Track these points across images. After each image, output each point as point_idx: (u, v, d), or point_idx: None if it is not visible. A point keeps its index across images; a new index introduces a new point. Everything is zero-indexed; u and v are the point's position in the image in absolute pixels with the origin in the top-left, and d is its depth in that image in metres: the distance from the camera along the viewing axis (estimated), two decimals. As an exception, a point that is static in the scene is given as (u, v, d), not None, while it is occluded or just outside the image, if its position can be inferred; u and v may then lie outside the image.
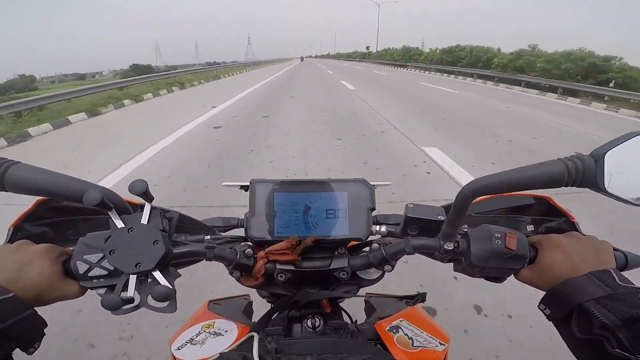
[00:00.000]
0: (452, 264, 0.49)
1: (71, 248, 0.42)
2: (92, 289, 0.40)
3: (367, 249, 0.52)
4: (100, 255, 0.39)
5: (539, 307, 0.42)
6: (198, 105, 7.91)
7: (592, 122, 6.96)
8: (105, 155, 4.15)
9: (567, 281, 0.38)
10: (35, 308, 0.36)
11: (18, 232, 0.48)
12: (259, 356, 0.37)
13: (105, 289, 0.39)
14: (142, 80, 12.19)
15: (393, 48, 40.37)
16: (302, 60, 54.83)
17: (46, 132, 5.75)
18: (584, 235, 0.45)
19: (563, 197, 0.40)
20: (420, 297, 0.59)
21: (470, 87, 13.83)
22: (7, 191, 0.36)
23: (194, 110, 7.15)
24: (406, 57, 33.09)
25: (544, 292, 0.42)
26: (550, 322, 0.42)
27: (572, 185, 0.37)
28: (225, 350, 0.45)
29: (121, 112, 7.86)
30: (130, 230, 0.37)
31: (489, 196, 0.55)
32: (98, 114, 7.34)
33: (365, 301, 0.71)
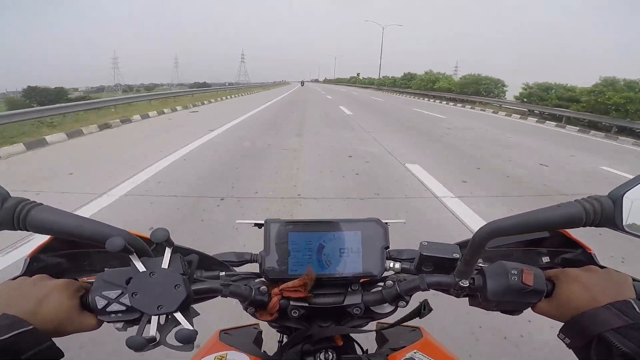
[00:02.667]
0: (467, 298, 0.49)
1: (86, 279, 0.43)
2: (109, 322, 0.41)
3: (381, 284, 0.52)
4: (119, 291, 0.40)
5: (558, 337, 0.41)
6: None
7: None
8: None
9: (586, 312, 0.38)
10: (53, 339, 0.36)
11: (34, 262, 0.49)
12: None
13: (122, 323, 0.40)
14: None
15: (391, 77, 39.43)
16: (302, 85, 53.57)
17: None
18: (601, 267, 0.45)
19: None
20: (426, 308, 0.56)
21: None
22: (28, 231, 0.37)
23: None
24: (403, 84, 31.73)
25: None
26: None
27: (590, 226, 0.37)
28: None
29: None
30: (151, 274, 0.39)
31: None
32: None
33: (377, 331, 0.70)
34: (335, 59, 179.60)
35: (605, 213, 0.36)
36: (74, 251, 0.53)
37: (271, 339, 0.72)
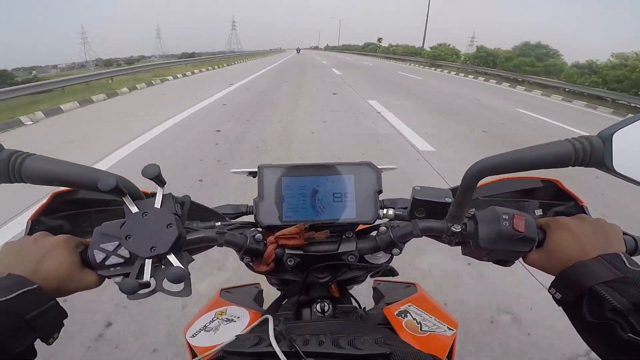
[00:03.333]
0: (460, 247, 0.50)
1: (88, 239, 0.44)
2: (109, 277, 0.41)
3: (374, 232, 0.52)
4: (116, 243, 0.40)
5: (549, 291, 0.41)
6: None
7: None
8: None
9: (576, 264, 0.38)
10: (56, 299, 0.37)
11: (36, 225, 0.50)
12: (275, 337, 0.38)
13: (122, 277, 0.40)
14: None
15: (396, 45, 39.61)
16: (298, 52, 53.79)
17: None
18: (593, 218, 0.45)
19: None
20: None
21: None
22: (24, 182, 0.37)
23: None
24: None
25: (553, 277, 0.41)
26: None
27: (579, 165, 0.37)
28: (238, 334, 0.46)
29: None
30: (144, 215, 0.38)
31: (496, 179, 0.55)
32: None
33: (374, 288, 0.72)
34: (340, 23, 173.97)
35: (595, 152, 0.35)
36: (74, 212, 0.54)
37: (272, 297, 0.74)
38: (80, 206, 0.54)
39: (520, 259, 0.46)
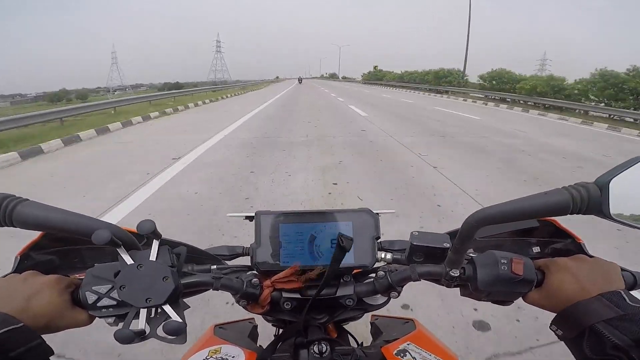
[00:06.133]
0: (458, 288, 0.49)
1: (77, 276, 0.43)
2: (100, 317, 0.40)
3: (372, 275, 0.52)
4: (109, 286, 0.39)
5: (550, 328, 0.42)
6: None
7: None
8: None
9: (577, 303, 0.38)
10: (43, 336, 0.36)
11: (25, 260, 0.49)
12: None
13: (114, 318, 0.40)
14: None
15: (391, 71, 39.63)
16: (300, 82, 47.34)
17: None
18: (590, 256, 0.46)
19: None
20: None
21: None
22: (15, 227, 0.37)
23: None
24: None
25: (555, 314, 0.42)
26: None
27: (577, 213, 0.37)
28: None
29: None
30: (139, 267, 0.38)
31: None
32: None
33: (371, 324, 0.71)
34: (340, 49, 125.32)
35: (592, 200, 0.36)
36: (64, 248, 0.53)
37: (266, 334, 0.72)
38: (71, 243, 0.53)
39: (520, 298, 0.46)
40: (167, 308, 0.37)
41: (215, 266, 0.52)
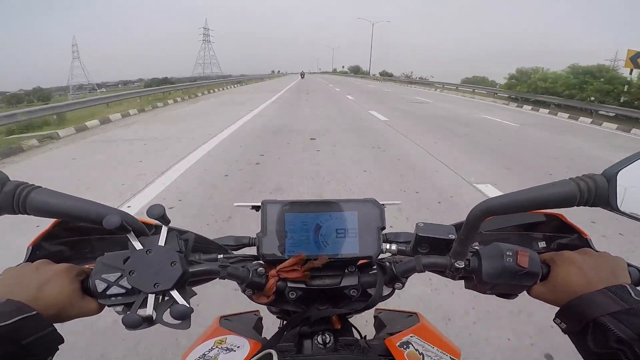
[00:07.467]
0: (462, 281, 0.50)
1: (88, 266, 0.44)
2: (109, 306, 0.41)
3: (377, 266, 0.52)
4: (118, 274, 0.40)
5: (554, 321, 0.42)
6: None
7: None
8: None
9: (582, 296, 0.38)
10: (54, 325, 0.37)
11: (37, 250, 0.50)
12: None
13: (122, 306, 0.41)
14: None
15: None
16: (302, 77, 43.82)
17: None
18: (597, 251, 0.45)
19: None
20: None
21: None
22: (28, 214, 0.37)
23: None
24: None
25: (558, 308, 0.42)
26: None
27: (584, 205, 0.37)
28: None
29: None
30: (148, 252, 0.39)
31: None
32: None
33: (375, 317, 0.71)
34: (333, 50, 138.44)
35: (599, 192, 0.36)
36: (75, 238, 0.54)
37: (271, 325, 0.73)
38: (82, 233, 0.54)
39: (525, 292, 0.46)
40: (175, 293, 0.38)
41: (222, 255, 0.53)
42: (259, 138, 6.14)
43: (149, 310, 0.37)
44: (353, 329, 0.64)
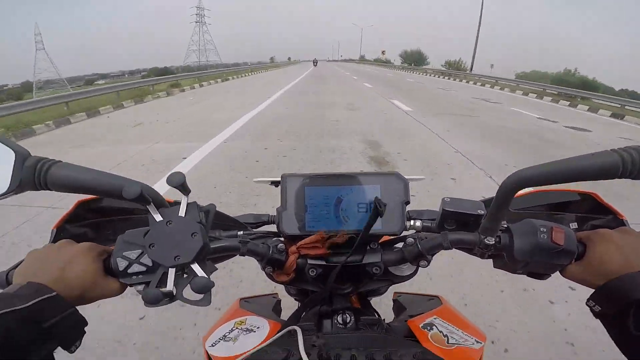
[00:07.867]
0: (491, 260, 0.47)
1: (111, 247, 0.44)
2: (131, 285, 0.41)
3: (400, 244, 0.50)
4: (139, 251, 0.39)
5: (587, 304, 0.40)
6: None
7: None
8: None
9: (623, 276, 0.36)
10: (77, 307, 0.36)
11: (60, 233, 0.50)
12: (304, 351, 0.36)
13: (143, 285, 0.40)
14: None
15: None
16: (315, 65, 43.71)
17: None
18: (636, 231, 0.43)
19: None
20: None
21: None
22: (49, 189, 0.37)
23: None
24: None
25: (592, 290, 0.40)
26: None
27: (627, 177, 0.34)
28: (263, 345, 0.45)
29: None
30: (168, 223, 0.38)
31: (530, 191, 0.53)
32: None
33: (394, 300, 0.70)
34: (361, 31, 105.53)
35: None
36: (98, 220, 0.54)
37: (290, 308, 0.73)
38: (105, 214, 0.54)
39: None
40: (195, 266, 0.37)
41: (241, 232, 0.52)
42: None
43: (169, 285, 0.36)
44: (374, 311, 0.63)
